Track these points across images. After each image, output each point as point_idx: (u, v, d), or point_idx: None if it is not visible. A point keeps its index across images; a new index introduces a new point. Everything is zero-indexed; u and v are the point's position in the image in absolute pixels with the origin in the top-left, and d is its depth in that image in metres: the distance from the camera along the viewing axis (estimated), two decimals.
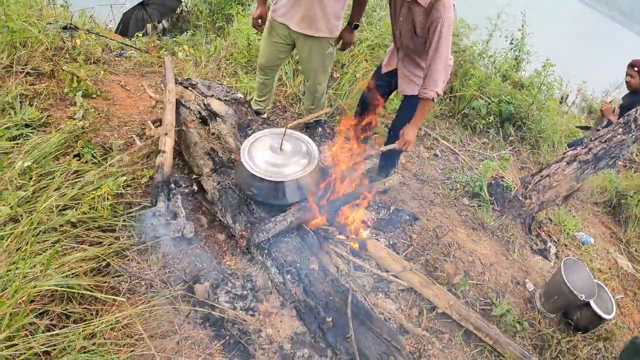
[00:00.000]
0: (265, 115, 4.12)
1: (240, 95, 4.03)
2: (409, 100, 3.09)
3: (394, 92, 3.45)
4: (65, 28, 4.70)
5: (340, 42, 3.50)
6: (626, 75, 5.10)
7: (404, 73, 3.05)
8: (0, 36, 3.66)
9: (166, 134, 2.93)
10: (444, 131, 5.48)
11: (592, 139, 3.78)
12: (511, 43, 7.49)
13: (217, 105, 3.61)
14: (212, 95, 3.72)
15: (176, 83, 3.64)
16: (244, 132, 3.54)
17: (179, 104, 3.37)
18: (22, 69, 3.61)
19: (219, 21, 6.89)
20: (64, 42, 4.36)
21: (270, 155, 2.76)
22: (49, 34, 4.17)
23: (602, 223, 5.22)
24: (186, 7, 8.05)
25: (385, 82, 3.27)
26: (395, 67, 3.14)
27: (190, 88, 3.70)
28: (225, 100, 3.73)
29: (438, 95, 2.72)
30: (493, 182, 4.09)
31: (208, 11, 7.15)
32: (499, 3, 7.22)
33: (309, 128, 4.11)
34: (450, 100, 6.13)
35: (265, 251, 2.52)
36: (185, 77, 3.94)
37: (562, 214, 4.55)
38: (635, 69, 4.96)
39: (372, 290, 2.74)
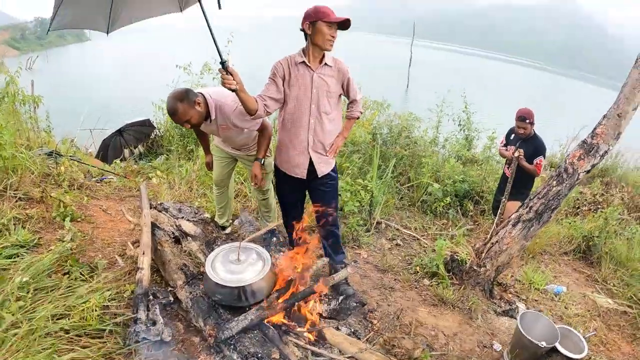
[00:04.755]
0: (228, 231, 4.63)
1: (207, 215, 4.64)
2: (326, 180, 3.70)
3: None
4: (49, 154, 5.25)
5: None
6: (518, 128, 5.18)
7: (319, 158, 3.60)
8: None
9: (144, 253, 3.42)
10: (405, 220, 5.90)
11: (531, 197, 4.00)
12: (459, 125, 8.14)
13: (187, 226, 4.20)
14: (183, 217, 4.35)
15: (151, 207, 4.20)
16: (211, 247, 4.04)
17: (154, 226, 3.90)
18: (14, 194, 4.11)
19: (190, 144, 7.61)
20: (50, 169, 4.89)
21: (230, 265, 3.29)
22: (36, 162, 4.72)
23: (575, 270, 5.58)
24: (159, 132, 8.78)
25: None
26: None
27: (163, 212, 4.28)
28: (194, 221, 4.36)
29: (361, 113, 3.84)
30: (449, 258, 4.40)
31: (179, 135, 7.88)
32: (441, 93, 8.02)
33: (265, 239, 4.55)
34: (408, 190, 6.67)
35: (232, 346, 2.92)
36: (159, 202, 4.50)
37: (529, 272, 4.92)
38: (527, 121, 5.07)
39: None
